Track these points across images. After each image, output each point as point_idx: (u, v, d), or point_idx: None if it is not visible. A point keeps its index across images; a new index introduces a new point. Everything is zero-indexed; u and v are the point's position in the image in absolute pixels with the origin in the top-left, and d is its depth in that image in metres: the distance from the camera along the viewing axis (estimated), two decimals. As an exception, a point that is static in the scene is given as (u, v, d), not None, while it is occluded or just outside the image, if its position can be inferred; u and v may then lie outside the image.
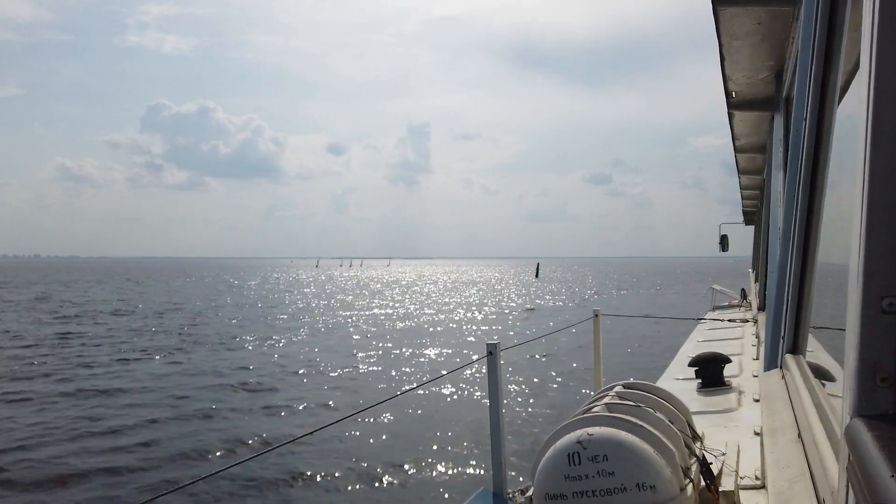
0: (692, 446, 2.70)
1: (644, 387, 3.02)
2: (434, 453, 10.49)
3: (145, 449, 10.68)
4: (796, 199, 2.59)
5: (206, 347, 22.59)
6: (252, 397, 14.80)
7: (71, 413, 13.04)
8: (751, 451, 3.23)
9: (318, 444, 10.74)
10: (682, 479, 2.40)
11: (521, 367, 18.04)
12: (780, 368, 2.75)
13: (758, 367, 5.65)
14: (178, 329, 28.18)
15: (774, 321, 2.83)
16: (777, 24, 3.95)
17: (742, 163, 9.33)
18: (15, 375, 17.00)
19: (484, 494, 3.29)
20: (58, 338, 24.51)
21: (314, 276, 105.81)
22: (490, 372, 3.45)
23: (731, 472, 2.86)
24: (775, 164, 4.93)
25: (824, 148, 2.39)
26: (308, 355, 21.08)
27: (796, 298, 2.57)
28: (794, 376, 2.39)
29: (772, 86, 5.14)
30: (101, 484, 9.11)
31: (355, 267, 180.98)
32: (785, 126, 4.38)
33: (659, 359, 15.70)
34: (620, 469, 2.32)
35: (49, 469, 9.66)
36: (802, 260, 2.56)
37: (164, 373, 17.65)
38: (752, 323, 9.02)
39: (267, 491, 8.91)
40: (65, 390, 15.19)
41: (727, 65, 4.71)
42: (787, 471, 1.83)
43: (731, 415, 4.39)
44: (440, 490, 8.98)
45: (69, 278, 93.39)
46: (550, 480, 2.42)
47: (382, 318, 34.22)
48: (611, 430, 2.41)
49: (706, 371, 5.38)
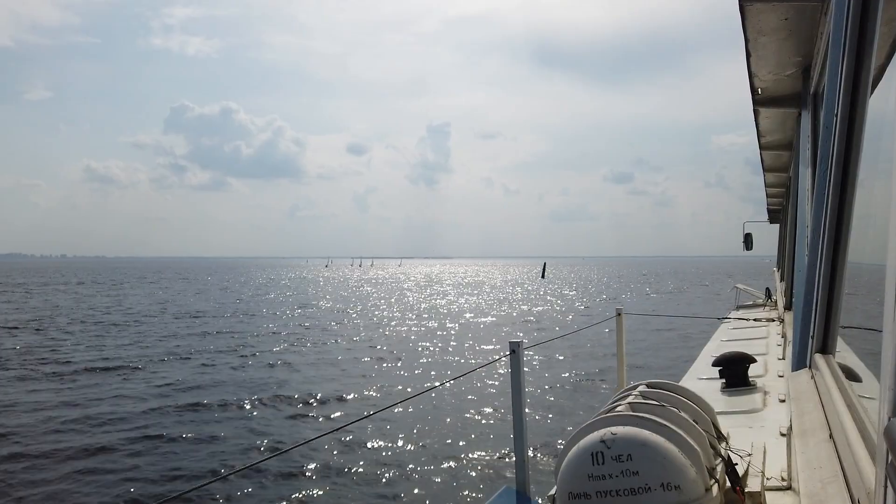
0: (717, 447, 2.67)
1: (668, 386, 2.99)
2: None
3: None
4: (826, 196, 2.55)
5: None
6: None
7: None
8: (777, 452, 3.18)
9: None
10: (707, 480, 2.37)
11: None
12: (809, 368, 2.71)
13: (784, 366, 5.57)
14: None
15: (803, 320, 2.79)
16: (804, 19, 3.89)
17: (767, 160, 9.21)
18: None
19: (507, 492, 3.29)
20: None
21: (313, 277, 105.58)
22: (513, 370, 3.44)
23: (757, 473, 2.83)
24: (803, 160, 4.85)
25: (855, 144, 2.35)
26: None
27: (826, 297, 2.54)
28: (824, 376, 2.36)
29: (799, 82, 5.07)
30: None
31: (365, 267, 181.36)
32: (813, 122, 4.32)
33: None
34: (645, 469, 2.30)
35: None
36: (832, 258, 2.52)
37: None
38: (778, 322, 8.90)
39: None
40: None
41: (753, 61, 4.65)
42: (819, 472, 1.81)
43: (756, 415, 4.33)
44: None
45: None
46: (574, 479, 2.40)
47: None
48: (635, 429, 2.39)
49: (731, 371, 5.31)
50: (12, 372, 17.23)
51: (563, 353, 19.80)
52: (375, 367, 18.63)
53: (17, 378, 16.44)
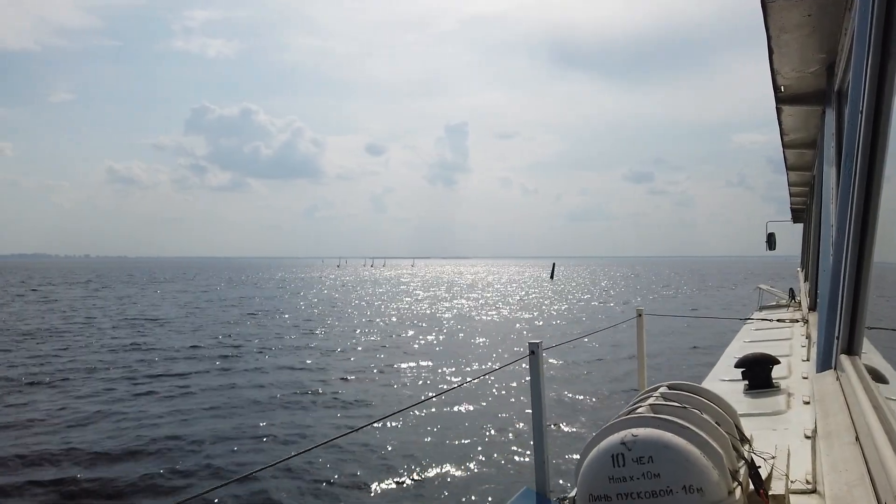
0: (740, 449, 2.64)
1: (689, 388, 2.96)
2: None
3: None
4: (851, 194, 2.51)
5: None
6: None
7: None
8: (801, 455, 3.14)
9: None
10: (730, 482, 2.35)
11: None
12: (834, 370, 2.68)
13: (808, 368, 5.49)
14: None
15: (828, 321, 2.76)
16: (828, 14, 3.83)
17: (790, 159, 9.10)
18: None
19: (527, 494, 3.28)
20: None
21: (315, 276, 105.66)
22: (532, 371, 3.43)
23: (781, 476, 2.79)
24: (827, 159, 4.78)
25: (881, 141, 2.31)
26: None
27: (851, 297, 2.50)
28: (849, 378, 2.32)
29: (823, 79, 4.99)
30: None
31: (377, 267, 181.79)
32: (837, 120, 4.25)
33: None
34: (666, 471, 2.28)
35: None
36: (858, 258, 2.48)
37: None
38: (802, 323, 8.78)
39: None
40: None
41: (776, 58, 4.59)
42: (844, 475, 1.78)
43: (779, 417, 4.28)
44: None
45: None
46: (594, 481, 2.39)
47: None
48: (656, 431, 2.37)
49: (754, 372, 5.25)
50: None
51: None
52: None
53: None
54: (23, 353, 20.77)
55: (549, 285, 74.21)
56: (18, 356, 20.22)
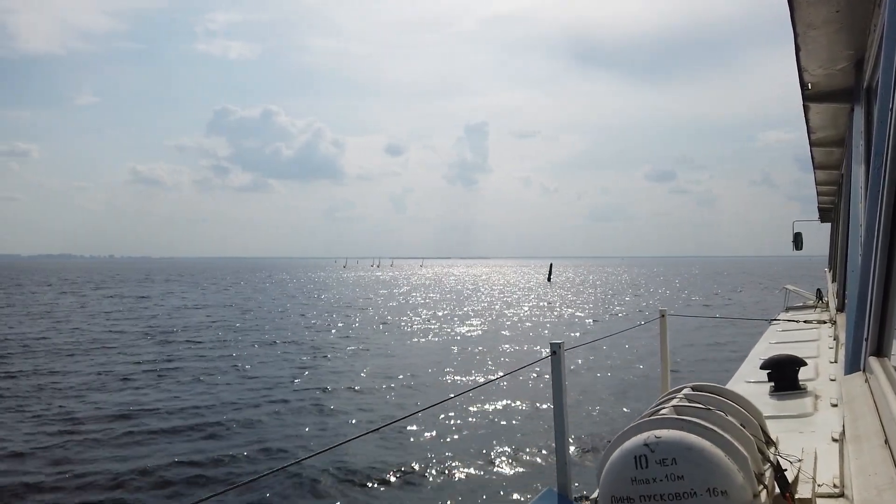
0: (766, 451, 2.60)
1: (714, 389, 2.93)
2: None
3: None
4: (881, 193, 2.47)
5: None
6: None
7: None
8: (828, 458, 3.08)
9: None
10: (755, 486, 2.31)
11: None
12: (863, 372, 2.63)
13: (836, 370, 5.40)
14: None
15: (857, 322, 2.70)
16: (857, 11, 3.76)
17: (818, 157, 8.96)
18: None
19: (549, 494, 3.26)
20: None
21: (315, 277, 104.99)
22: (554, 372, 3.41)
23: (808, 480, 2.75)
24: (856, 157, 4.70)
25: (911, 139, 2.27)
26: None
27: (881, 298, 2.45)
28: (878, 380, 2.28)
29: (851, 76, 4.91)
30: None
31: (383, 267, 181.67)
32: (866, 118, 4.18)
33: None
34: (690, 473, 2.25)
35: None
36: (888, 257, 2.43)
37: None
38: (830, 324, 8.63)
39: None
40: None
41: (803, 55, 4.52)
42: (874, 478, 1.75)
43: (806, 420, 4.21)
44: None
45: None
46: (616, 483, 2.37)
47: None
48: (679, 432, 2.34)
49: (780, 374, 5.16)
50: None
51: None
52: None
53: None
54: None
55: (545, 288, 66.75)
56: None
